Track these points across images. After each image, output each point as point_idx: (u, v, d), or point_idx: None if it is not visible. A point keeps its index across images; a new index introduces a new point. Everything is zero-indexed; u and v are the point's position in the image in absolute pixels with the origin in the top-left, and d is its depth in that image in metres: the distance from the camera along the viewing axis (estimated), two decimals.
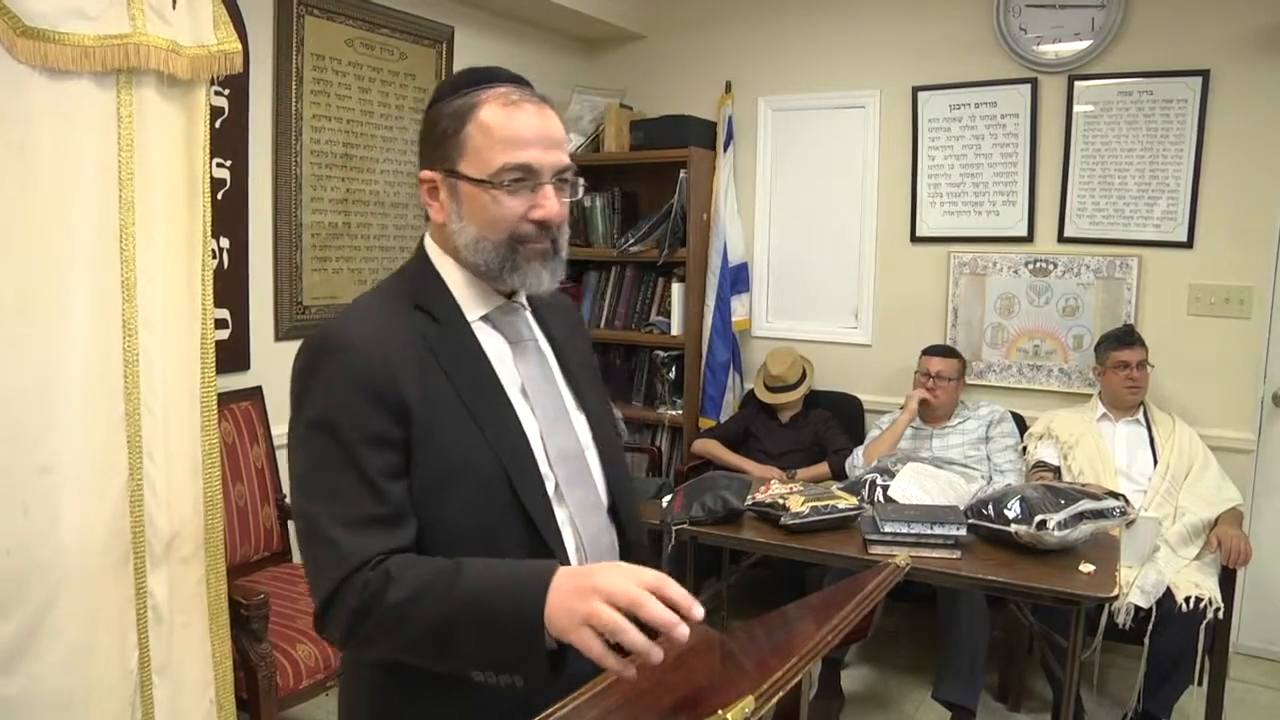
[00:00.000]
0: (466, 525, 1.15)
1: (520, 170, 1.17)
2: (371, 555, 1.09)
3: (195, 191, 2.27)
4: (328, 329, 1.19)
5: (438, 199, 1.23)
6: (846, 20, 4.01)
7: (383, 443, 1.12)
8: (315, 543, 1.12)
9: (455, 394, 1.17)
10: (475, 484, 1.16)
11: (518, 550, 1.15)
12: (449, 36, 3.74)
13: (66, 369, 2.05)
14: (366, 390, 1.12)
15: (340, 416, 1.12)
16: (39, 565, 2.03)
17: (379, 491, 1.11)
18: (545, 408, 1.25)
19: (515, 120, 1.18)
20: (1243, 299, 3.39)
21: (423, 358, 1.17)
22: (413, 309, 1.21)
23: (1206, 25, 3.35)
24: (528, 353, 1.27)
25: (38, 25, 1.93)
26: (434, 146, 1.22)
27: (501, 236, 1.19)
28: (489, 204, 1.18)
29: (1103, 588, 2.28)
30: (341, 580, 1.08)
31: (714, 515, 2.72)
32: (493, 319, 1.26)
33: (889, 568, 1.26)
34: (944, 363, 3.52)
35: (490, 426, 1.18)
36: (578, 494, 1.24)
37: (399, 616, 1.06)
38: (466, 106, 1.19)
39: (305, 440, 1.15)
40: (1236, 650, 3.30)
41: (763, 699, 0.91)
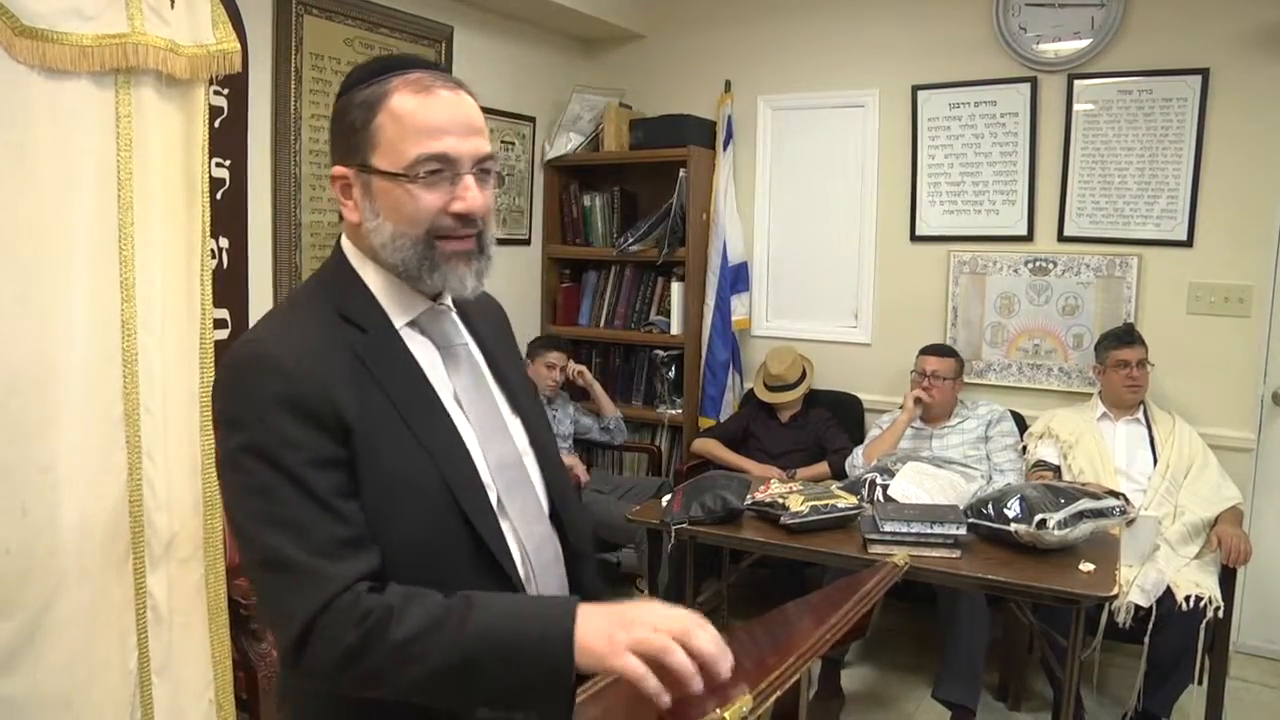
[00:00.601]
0: (413, 544, 1.08)
1: (436, 160, 1.10)
2: (355, 577, 1.01)
3: (194, 191, 2.27)
4: (248, 347, 1.10)
5: (351, 197, 1.15)
6: (846, 19, 4.01)
7: (328, 464, 1.04)
8: (279, 571, 1.02)
9: (391, 407, 1.10)
10: (419, 501, 1.09)
11: (464, 561, 1.11)
12: (448, 36, 3.73)
13: (66, 369, 2.05)
14: (301, 410, 1.03)
15: (278, 442, 1.03)
16: (38, 565, 2.03)
17: (338, 514, 1.03)
18: (480, 416, 1.19)
19: (429, 107, 1.10)
20: (1242, 298, 3.39)
21: (355, 371, 1.09)
22: (337, 318, 1.13)
23: (1206, 24, 3.35)
24: (459, 359, 1.20)
25: (36, 25, 1.93)
26: (344, 140, 1.15)
27: (419, 233, 1.11)
28: (404, 199, 1.10)
29: (1103, 587, 2.28)
30: (322, 607, 0.99)
31: (714, 515, 2.72)
32: (420, 324, 1.19)
33: (887, 567, 1.26)
34: (940, 362, 3.51)
35: (430, 440, 1.11)
36: (519, 503, 1.18)
37: (407, 655, 0.99)
38: (376, 95, 1.11)
39: (242, 469, 1.04)
40: (1236, 649, 3.30)
41: (760, 698, 0.91)
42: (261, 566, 1.04)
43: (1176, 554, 2.95)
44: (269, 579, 1.04)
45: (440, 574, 1.07)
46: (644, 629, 0.96)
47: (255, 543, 1.04)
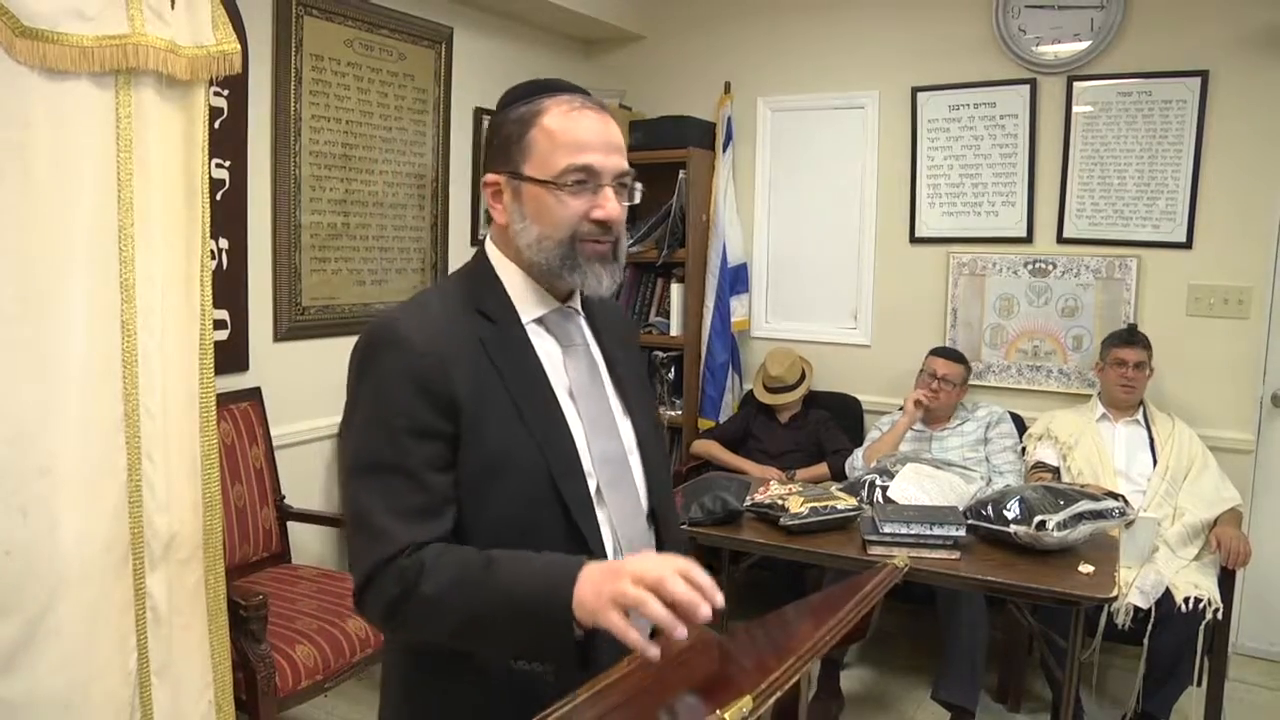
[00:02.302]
0: (509, 518, 1.19)
1: (582, 171, 1.22)
2: (408, 543, 1.14)
3: (194, 192, 2.27)
4: (385, 323, 1.23)
5: (501, 201, 1.27)
6: (846, 21, 4.01)
7: (430, 435, 1.17)
8: (359, 528, 1.18)
9: (505, 391, 1.21)
10: (519, 478, 1.20)
11: (557, 545, 1.18)
12: (448, 37, 3.74)
13: (65, 370, 2.05)
14: (418, 385, 1.16)
15: (391, 409, 1.17)
16: (38, 566, 2.03)
17: (421, 482, 1.16)
18: (591, 410, 1.28)
19: (578, 125, 1.23)
20: (1242, 299, 3.39)
21: (475, 355, 1.21)
22: (471, 311, 1.25)
23: (1205, 26, 3.36)
24: (578, 356, 1.31)
25: (36, 25, 1.92)
26: (499, 151, 1.27)
27: (563, 235, 1.23)
28: (552, 204, 1.22)
29: (1102, 588, 2.28)
30: (377, 565, 1.14)
31: (713, 516, 2.72)
32: (547, 322, 1.30)
33: (887, 568, 1.26)
34: (950, 366, 3.51)
35: (536, 424, 1.21)
36: (618, 497, 1.27)
37: (434, 607, 1.12)
38: (531, 113, 1.25)
39: (357, 428, 1.20)
40: (1235, 650, 3.30)
41: (760, 699, 0.91)
42: (350, 517, 1.21)
43: (1176, 555, 2.95)
44: (352, 530, 1.20)
45: (534, 549, 1.16)
46: (624, 581, 1.02)
47: (350, 494, 1.20)
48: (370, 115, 3.44)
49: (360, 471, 1.19)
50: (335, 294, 3.38)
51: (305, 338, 3.27)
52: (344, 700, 3.06)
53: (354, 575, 1.18)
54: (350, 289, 3.44)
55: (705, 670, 1.15)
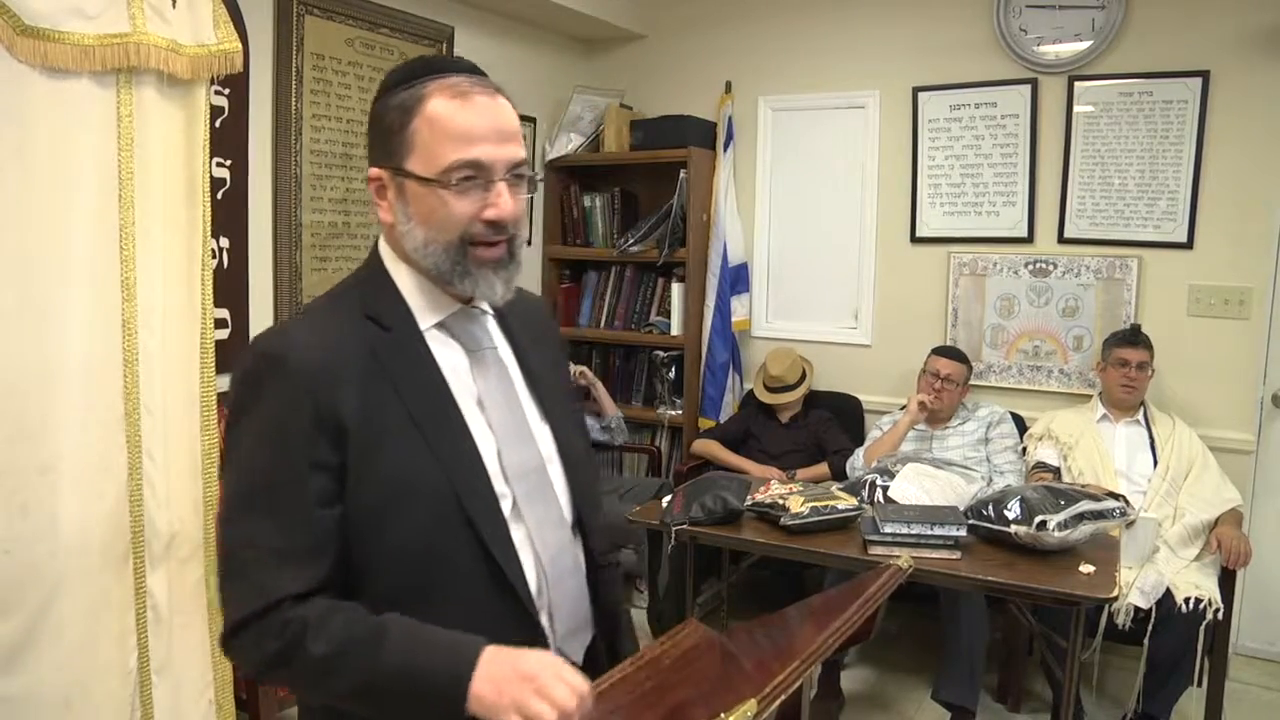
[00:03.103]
0: (414, 549, 1.10)
1: (470, 167, 1.10)
2: (287, 592, 1.04)
3: (195, 191, 2.27)
4: (271, 340, 1.14)
5: (386, 198, 1.15)
6: (846, 20, 4.01)
7: (315, 467, 1.07)
8: (232, 569, 1.08)
9: (403, 410, 1.11)
10: (422, 505, 1.10)
11: (469, 572, 1.11)
12: (449, 36, 3.73)
13: (66, 368, 2.05)
14: (302, 411, 1.06)
15: (273, 438, 1.07)
16: (38, 565, 2.03)
17: (304, 520, 1.06)
18: (503, 420, 1.19)
19: (465, 113, 1.10)
20: (1242, 300, 3.39)
21: (369, 372, 1.11)
22: (363, 318, 1.14)
23: (1206, 26, 3.35)
24: (486, 362, 1.20)
25: (38, 24, 1.93)
26: (380, 142, 1.15)
27: (451, 238, 1.12)
28: (437, 205, 1.11)
29: (1102, 588, 2.28)
30: (253, 614, 1.04)
31: (714, 515, 2.72)
32: (449, 326, 1.19)
33: (891, 569, 1.26)
34: (953, 366, 3.50)
35: (438, 441, 1.12)
36: (538, 511, 1.18)
37: (323, 670, 1.04)
38: (413, 99, 1.11)
39: (236, 460, 1.11)
40: (1236, 651, 3.30)
41: (765, 702, 0.91)
42: (221, 554, 1.10)
43: (1176, 556, 2.95)
44: (224, 566, 1.10)
45: (440, 579, 1.10)
46: (529, 691, 0.98)
47: (223, 530, 1.10)
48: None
49: (237, 506, 1.09)
50: None
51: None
52: None
53: (225, 615, 1.08)
54: None
55: (707, 672, 1.15)
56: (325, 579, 1.07)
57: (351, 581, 1.10)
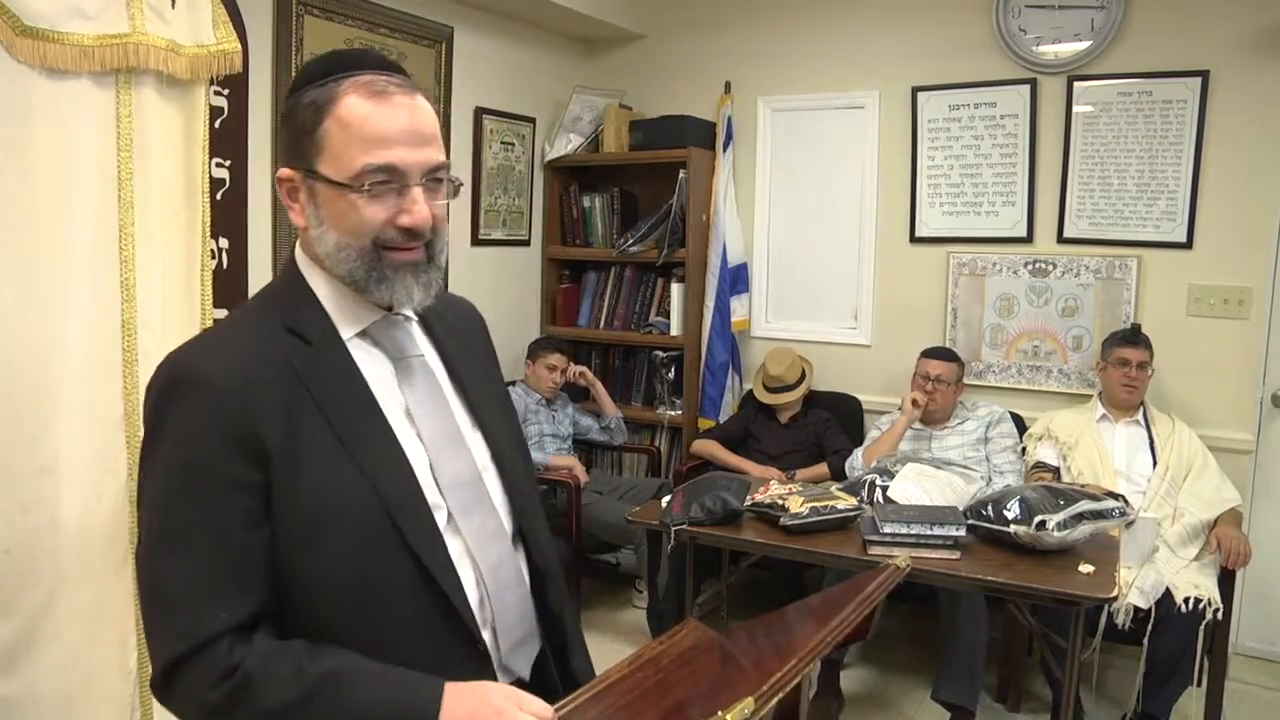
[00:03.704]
0: (344, 575, 1.04)
1: (384, 172, 1.05)
2: (227, 627, 0.98)
3: (195, 191, 2.27)
4: (180, 359, 1.07)
5: (298, 200, 1.10)
6: (846, 21, 4.01)
7: (238, 489, 1.01)
8: (159, 603, 1.01)
9: (327, 426, 1.05)
10: (353, 525, 1.04)
11: (404, 593, 1.07)
12: (449, 36, 3.74)
13: (66, 368, 2.05)
14: (220, 430, 1.00)
15: (190, 461, 1.01)
16: (38, 566, 2.03)
17: (230, 546, 1.00)
18: (433, 431, 1.13)
19: (379, 115, 1.05)
20: (1242, 299, 3.39)
21: (289, 388, 1.05)
22: (282, 330, 1.09)
23: (1206, 26, 3.36)
24: (412, 371, 1.15)
25: (37, 25, 1.92)
26: (292, 141, 1.09)
27: (364, 244, 1.07)
28: (348, 209, 1.06)
29: (1102, 588, 2.28)
30: (189, 652, 0.97)
31: (713, 516, 2.72)
32: (372, 334, 1.14)
33: (889, 569, 1.26)
34: (943, 366, 3.51)
35: (367, 459, 1.06)
36: (475, 522, 1.13)
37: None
38: (326, 98, 1.06)
39: (154, 484, 1.03)
40: (1235, 651, 3.30)
41: (762, 700, 0.91)
42: (145, 588, 1.03)
43: (1176, 555, 2.95)
44: (147, 604, 1.03)
45: (375, 602, 1.05)
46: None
47: (145, 561, 1.03)
48: None
49: (158, 536, 1.01)
50: None
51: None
52: None
53: (153, 657, 1.00)
54: None
55: (706, 671, 1.15)
56: (259, 609, 1.01)
57: (283, 609, 1.04)
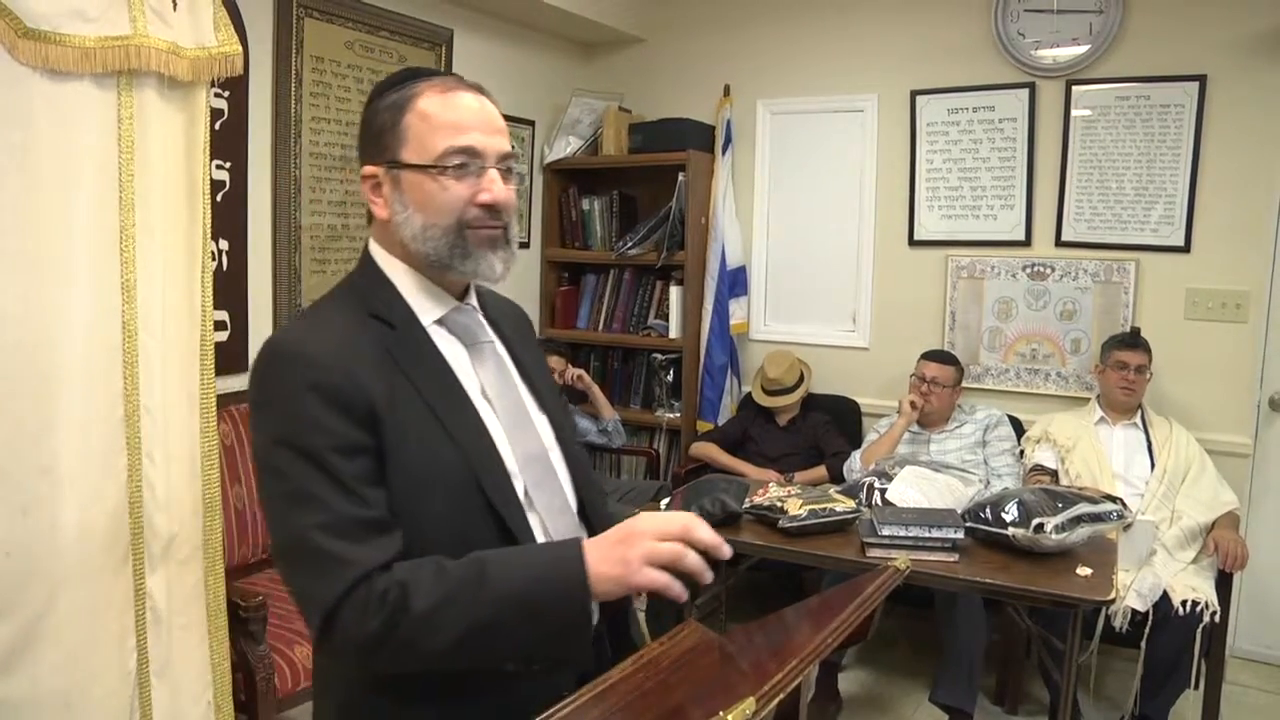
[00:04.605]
0: (439, 534, 1.11)
1: (464, 153, 1.15)
2: (375, 564, 1.04)
3: (195, 193, 2.27)
4: (284, 340, 1.15)
5: (381, 194, 1.19)
6: (845, 24, 4.02)
7: (355, 451, 1.08)
8: (306, 557, 1.06)
9: (420, 399, 1.13)
10: (446, 491, 1.12)
11: None
12: (448, 39, 3.74)
13: (66, 370, 2.05)
14: (332, 400, 1.07)
15: (308, 429, 1.07)
16: (38, 566, 2.03)
17: (362, 497, 1.07)
18: (507, 410, 1.22)
19: (454, 105, 1.17)
20: (1239, 303, 3.40)
21: (384, 363, 1.13)
22: (366, 316, 1.17)
23: (1203, 30, 3.37)
24: (485, 355, 1.24)
25: (39, 27, 1.93)
26: (373, 141, 1.20)
27: (449, 222, 1.16)
28: (435, 190, 1.15)
29: (1100, 591, 2.28)
30: (346, 591, 1.03)
31: (712, 518, 2.72)
32: (447, 322, 1.23)
33: (889, 570, 1.26)
34: (940, 369, 3.51)
35: (458, 431, 1.14)
36: (545, 497, 1.20)
37: (432, 626, 1.03)
38: (404, 98, 1.17)
39: (275, 457, 1.09)
40: (1233, 654, 3.30)
41: (763, 701, 0.91)
42: (287, 550, 1.09)
43: (1173, 558, 2.96)
44: (294, 563, 1.08)
45: None
46: (649, 540, 1.04)
47: (282, 527, 1.08)
48: None
49: (289, 501, 1.07)
50: None
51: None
52: None
53: (312, 612, 1.05)
54: None
55: (706, 672, 1.15)
56: (397, 551, 1.07)
57: None
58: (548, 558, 1.08)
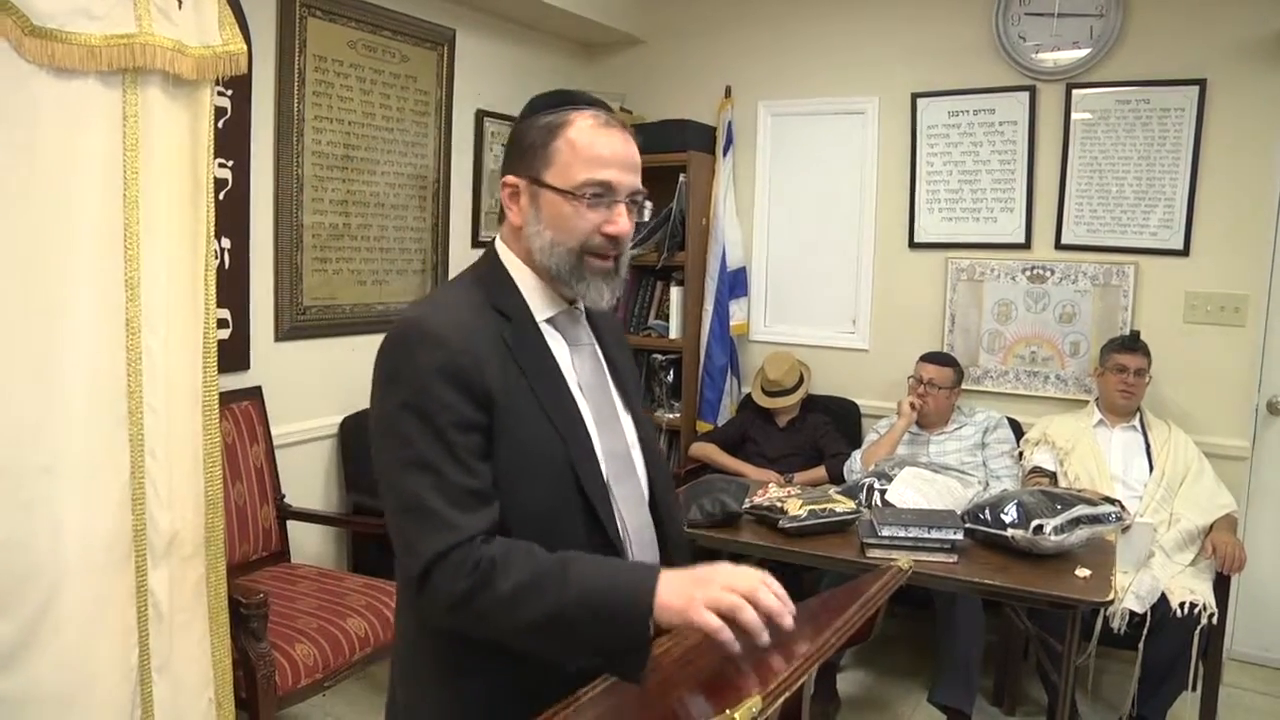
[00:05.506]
0: (535, 510, 1.22)
1: (600, 186, 1.27)
2: (472, 532, 1.15)
3: (199, 191, 2.28)
4: (416, 319, 1.26)
5: (518, 203, 1.31)
6: (846, 26, 4.03)
7: (471, 427, 1.19)
8: (418, 515, 1.17)
9: (529, 387, 1.25)
10: (545, 472, 1.24)
11: (578, 534, 1.24)
12: (450, 39, 3.75)
13: (70, 367, 2.05)
14: (456, 379, 1.19)
15: (432, 403, 1.18)
16: (40, 562, 2.03)
17: (472, 470, 1.19)
18: (599, 406, 1.33)
19: (601, 141, 1.29)
20: (1238, 307, 3.41)
21: (500, 351, 1.25)
22: (488, 307, 1.29)
23: (1203, 35, 3.38)
24: (585, 355, 1.36)
25: (45, 25, 1.93)
26: (520, 155, 1.31)
27: (574, 244, 1.28)
28: (570, 214, 1.27)
29: (1098, 592, 2.29)
30: (446, 550, 1.14)
31: (712, 518, 2.73)
32: (556, 322, 1.34)
33: (891, 570, 1.27)
34: (938, 370, 3.52)
35: (559, 418, 1.26)
36: (624, 488, 1.31)
37: (509, 604, 1.13)
38: (557, 123, 1.29)
39: (397, 422, 1.20)
40: (1230, 656, 3.32)
41: (769, 699, 0.92)
42: (400, 507, 1.20)
43: (1171, 561, 2.97)
44: (405, 518, 1.19)
45: (557, 534, 1.21)
46: (717, 588, 1.09)
47: (398, 486, 1.20)
48: (372, 116, 3.45)
49: (408, 464, 1.19)
50: (336, 294, 3.39)
51: (306, 337, 3.28)
52: (341, 700, 3.06)
53: (410, 564, 1.18)
54: (351, 289, 3.45)
55: (711, 671, 1.16)
56: (497, 523, 1.19)
57: None
58: (627, 573, 1.17)
